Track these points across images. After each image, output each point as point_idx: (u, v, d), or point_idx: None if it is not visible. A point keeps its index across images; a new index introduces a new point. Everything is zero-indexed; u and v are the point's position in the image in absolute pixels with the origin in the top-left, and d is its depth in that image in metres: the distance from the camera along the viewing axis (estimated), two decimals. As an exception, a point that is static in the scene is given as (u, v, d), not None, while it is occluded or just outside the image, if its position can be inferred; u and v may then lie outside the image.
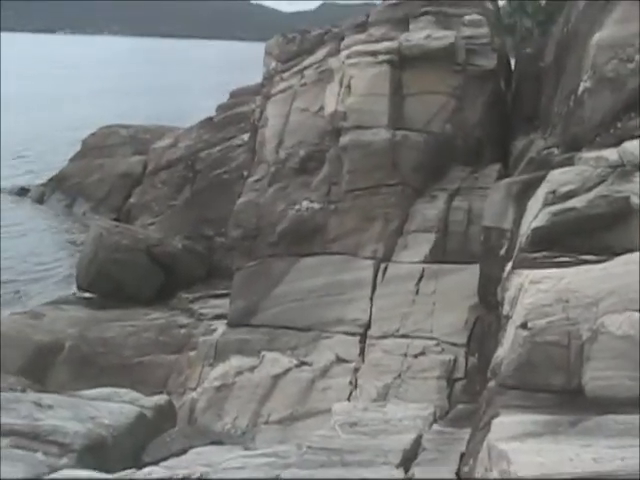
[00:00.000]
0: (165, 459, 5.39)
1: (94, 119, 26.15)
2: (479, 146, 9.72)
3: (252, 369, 8.67)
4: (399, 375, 8.03)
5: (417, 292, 8.67)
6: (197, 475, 4.84)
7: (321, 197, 9.61)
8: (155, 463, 5.26)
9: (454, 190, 9.22)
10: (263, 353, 8.78)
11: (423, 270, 8.80)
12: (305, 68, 10.51)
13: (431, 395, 7.58)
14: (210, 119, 16.44)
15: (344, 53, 9.98)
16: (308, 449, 5.04)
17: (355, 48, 9.88)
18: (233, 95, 16.61)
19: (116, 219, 15.89)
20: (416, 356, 8.11)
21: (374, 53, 9.66)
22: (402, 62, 9.62)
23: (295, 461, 4.91)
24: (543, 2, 12.38)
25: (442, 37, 9.73)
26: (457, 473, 4.73)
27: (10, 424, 5.87)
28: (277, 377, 8.52)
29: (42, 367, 9.72)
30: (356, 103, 9.52)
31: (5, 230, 18.34)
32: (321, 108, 9.93)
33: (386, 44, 9.73)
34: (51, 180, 21.44)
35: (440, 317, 8.31)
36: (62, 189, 20.70)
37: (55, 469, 5.30)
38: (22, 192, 21.85)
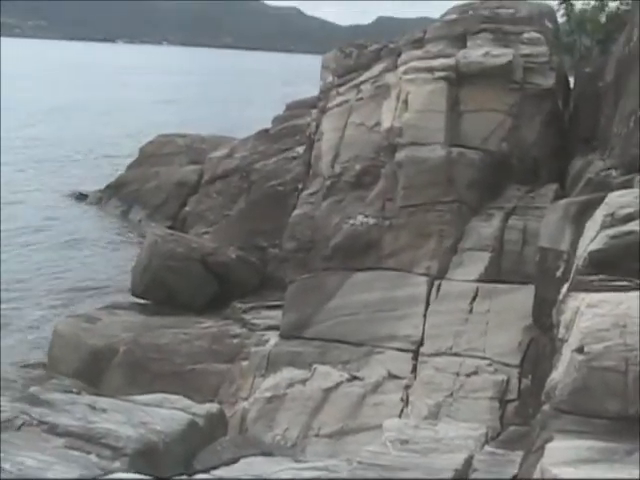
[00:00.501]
0: (216, 467, 5.44)
1: (152, 128, 26.60)
2: (535, 165, 9.63)
3: (303, 381, 8.69)
4: (451, 394, 7.97)
5: (471, 311, 8.61)
6: (247, 485, 4.87)
7: (376, 212, 9.61)
8: (206, 471, 5.32)
9: (510, 209, 9.15)
10: (315, 366, 8.79)
11: (477, 289, 8.74)
12: (362, 83, 10.54)
13: (483, 415, 7.51)
14: (266, 131, 16.55)
15: (401, 69, 9.99)
16: (358, 464, 5.05)
17: (412, 64, 9.88)
18: (289, 107, 16.71)
19: (171, 227, 16.07)
20: (469, 375, 8.05)
21: (431, 69, 9.66)
22: (459, 79, 9.60)
23: (345, 476, 4.92)
24: (603, 20, 12.25)
25: (500, 55, 9.69)
26: (508, 496, 4.69)
27: (65, 425, 5.99)
28: (328, 390, 8.52)
29: (96, 370, 9.86)
30: (412, 119, 9.52)
31: (63, 235, 18.72)
32: (377, 123, 9.94)
33: (443, 61, 9.72)
34: (109, 186, 21.79)
35: (493, 337, 8.24)
36: (119, 195, 21.03)
37: (108, 472, 5.39)
38: (80, 197, 22.26)
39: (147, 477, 5.16)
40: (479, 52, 9.76)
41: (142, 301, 12.34)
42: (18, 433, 5.82)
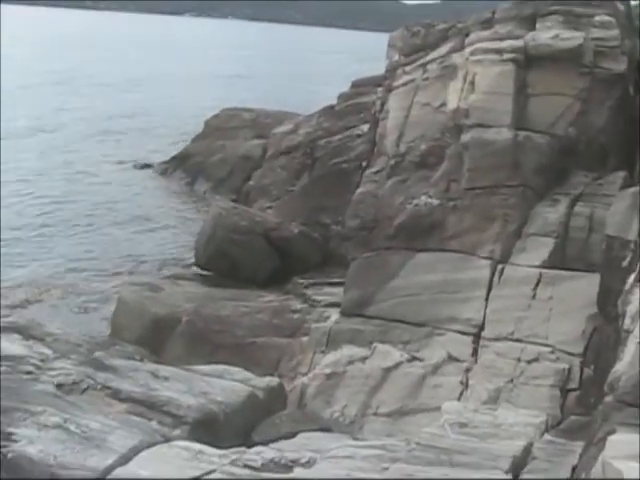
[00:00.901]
0: (274, 441, 5.50)
1: (217, 101, 26.79)
2: (603, 152, 9.44)
3: (363, 360, 8.72)
4: (511, 380, 7.92)
5: (533, 297, 8.51)
6: (305, 459, 4.92)
7: (440, 193, 9.54)
8: (264, 443, 5.38)
9: (576, 195, 9.00)
10: (375, 345, 8.81)
11: (541, 275, 8.63)
12: (428, 62, 10.43)
13: (543, 403, 7.44)
14: (331, 107, 16.51)
15: (468, 50, 9.85)
16: (417, 445, 5.05)
17: (480, 45, 9.73)
18: (355, 85, 16.62)
19: (235, 200, 16.18)
20: (530, 362, 7.98)
21: (499, 51, 9.50)
22: (527, 61, 9.43)
23: (403, 456, 4.93)
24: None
25: (570, 38, 9.49)
26: (568, 486, 4.64)
27: (128, 391, 6.12)
28: (388, 370, 8.54)
29: (158, 339, 10.01)
30: (479, 101, 9.40)
31: (127, 204, 19.05)
32: (443, 104, 9.84)
33: (512, 42, 9.55)
34: (174, 158, 22.05)
35: (556, 324, 8.14)
36: (184, 167, 21.27)
37: (168, 439, 5.49)
38: (147, 167, 22.57)
39: (206, 446, 5.25)
40: (548, 35, 9.57)
41: (205, 272, 12.49)
42: (83, 396, 5.97)
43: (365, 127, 13.65)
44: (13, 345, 6.69)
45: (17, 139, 25.03)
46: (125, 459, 5.09)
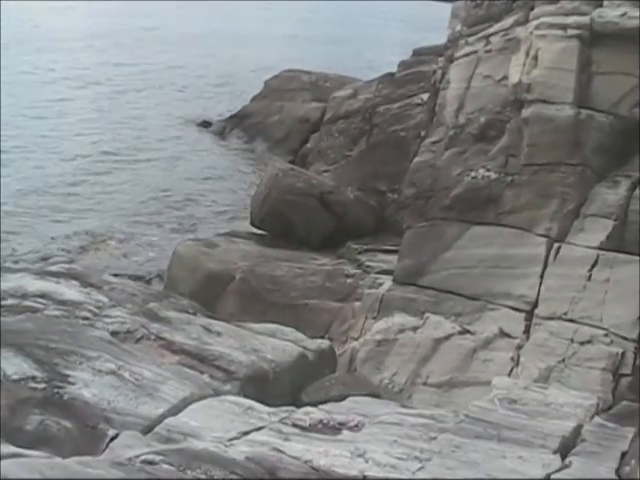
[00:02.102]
0: (323, 402, 5.56)
1: (278, 62, 26.69)
2: (667, 135, 9.20)
3: (415, 329, 8.71)
4: (563, 360, 7.83)
5: (589, 278, 8.38)
6: (354, 423, 4.96)
7: (498, 167, 9.40)
8: (313, 404, 5.43)
9: (637, 178, 8.77)
10: (427, 315, 8.78)
11: (598, 256, 8.47)
12: (491, 34, 10.21)
13: (594, 386, 7.37)
14: (391, 75, 16.30)
15: (533, 23, 9.62)
16: (465, 417, 5.06)
17: (544, 19, 9.49)
18: (416, 53, 16.40)
19: (291, 162, 16.18)
20: (583, 343, 7.88)
21: (564, 26, 9.25)
22: (593, 39, 9.16)
23: (451, 427, 4.94)
24: None
25: (638, 16, 9.21)
26: (617, 472, 4.60)
27: (181, 343, 6.23)
28: (439, 341, 8.52)
29: (212, 294, 10.12)
30: (541, 76, 9.20)
31: (185, 160, 19.21)
32: (504, 77, 9.66)
33: (577, 18, 9.28)
34: (233, 117, 22.05)
35: (611, 307, 8.01)
36: (242, 127, 21.26)
37: (219, 393, 5.58)
38: (205, 125, 22.66)
39: (256, 403, 5.32)
40: (616, 12, 9.26)
41: (260, 232, 12.56)
42: (137, 345, 6.10)
43: (425, 96, 13.46)
44: (71, 291, 6.85)
45: (76, 90, 25.31)
46: (176, 409, 5.20)
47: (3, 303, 6.41)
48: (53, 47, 32.05)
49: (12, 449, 4.10)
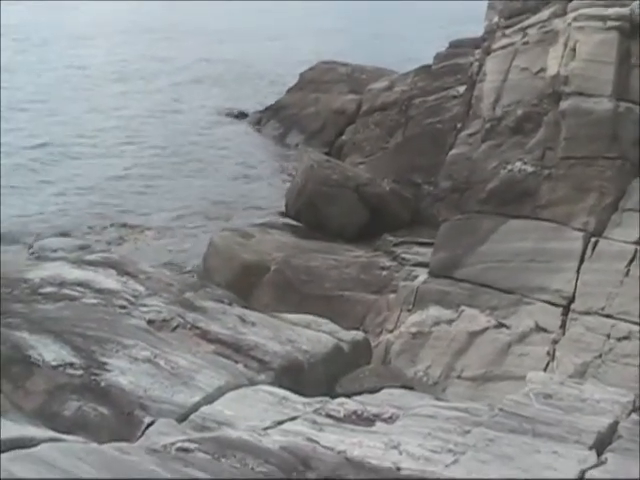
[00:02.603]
0: (357, 394, 5.55)
1: (313, 54, 26.70)
2: None
3: (450, 322, 8.69)
4: (600, 355, 7.77)
5: (627, 273, 8.28)
6: (388, 415, 4.95)
7: (535, 160, 9.31)
8: (348, 395, 5.43)
9: (678, 172, 8.68)
10: (462, 308, 8.75)
11: (636, 251, 8.36)
12: (529, 26, 10.10)
13: (631, 383, 7.25)
14: (427, 67, 16.23)
15: (571, 15, 9.49)
16: (500, 411, 5.01)
17: (583, 11, 9.36)
18: (452, 45, 16.29)
19: (327, 154, 16.18)
20: (619, 339, 7.80)
21: (603, 18, 9.12)
22: (632, 31, 9.03)
23: (485, 420, 4.91)
24: None
25: (681, 8, 9.06)
26: (654, 469, 4.54)
27: (216, 332, 6.27)
28: (474, 334, 8.49)
29: (247, 285, 10.18)
30: (579, 68, 9.08)
31: (221, 151, 19.31)
32: (542, 69, 9.54)
33: (617, 10, 9.13)
34: (268, 108, 22.11)
35: (649, 303, 7.93)
36: (278, 118, 21.31)
37: (254, 383, 5.61)
38: (241, 116, 22.75)
39: (290, 393, 5.33)
40: (657, 3, 9.15)
41: (295, 223, 12.60)
42: (172, 334, 6.14)
43: (461, 89, 13.38)
44: (108, 279, 6.92)
45: (111, 83, 25.54)
46: (211, 398, 5.23)
47: (42, 291, 6.51)
48: (90, 42, 32.46)
49: (50, 433, 4.16)
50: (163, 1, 43.83)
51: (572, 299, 8.40)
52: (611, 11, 9.13)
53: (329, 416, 4.89)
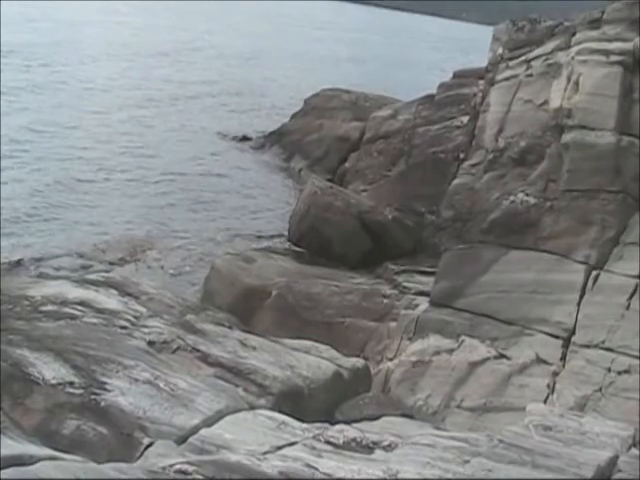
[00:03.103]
0: (357, 421, 5.54)
1: (318, 81, 26.85)
2: None
3: (450, 351, 8.69)
4: (600, 389, 7.76)
5: (628, 307, 8.30)
6: (387, 443, 4.94)
7: (537, 192, 9.36)
8: (347, 422, 5.42)
9: (680, 206, 8.71)
10: (463, 338, 8.76)
11: (637, 285, 8.40)
12: (532, 59, 10.19)
13: (632, 416, 7.23)
14: (431, 96, 16.36)
15: (574, 49, 9.58)
16: (499, 442, 5.00)
17: (586, 45, 9.46)
18: (456, 75, 16.44)
19: (330, 180, 16.23)
20: (620, 373, 7.80)
21: (606, 52, 9.21)
22: (635, 65, 9.13)
23: (485, 451, 4.89)
24: None
25: (683, 44, 9.15)
26: (653, 504, 4.52)
27: (217, 355, 6.26)
28: (474, 364, 8.48)
29: (248, 309, 10.17)
30: (583, 102, 9.15)
31: (224, 174, 19.35)
32: (545, 102, 9.62)
33: (620, 45, 9.23)
34: (272, 133, 22.22)
35: (650, 338, 7.93)
36: (281, 143, 21.41)
37: (254, 407, 5.60)
38: (244, 140, 22.83)
39: (290, 418, 5.32)
40: (660, 39, 9.23)
41: (297, 248, 12.61)
42: (173, 356, 6.14)
43: (464, 119, 13.49)
44: (110, 299, 6.93)
45: (116, 110, 25.60)
46: (210, 421, 5.22)
47: (43, 309, 6.51)
48: (101, 60, 32.67)
49: (49, 452, 4.15)
50: (169, 21, 44.15)
51: (573, 331, 8.41)
52: (614, 45, 9.22)
53: (328, 442, 4.87)
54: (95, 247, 13.72)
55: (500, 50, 10.90)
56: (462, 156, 11.03)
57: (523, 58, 10.30)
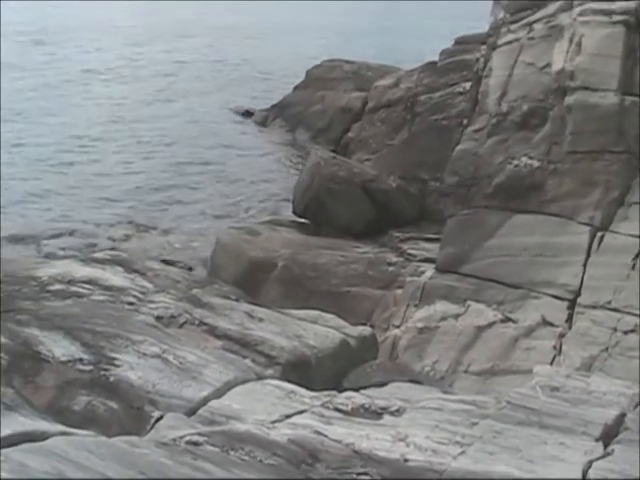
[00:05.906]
0: (365, 388, 5.58)
1: (320, 52, 26.68)
2: None
3: (456, 317, 8.73)
4: (606, 349, 7.79)
5: (633, 267, 8.30)
6: (395, 408, 4.98)
7: (541, 155, 9.32)
8: (355, 389, 5.46)
9: (684, 166, 8.68)
10: (469, 302, 8.79)
11: (642, 245, 8.40)
12: (534, 22, 10.09)
13: (637, 375, 7.26)
14: (433, 63, 16.23)
15: (577, 10, 9.47)
16: (507, 404, 5.03)
17: (589, 5, 9.35)
18: (458, 42, 16.26)
19: (333, 151, 16.19)
20: (626, 332, 7.82)
21: (609, 13, 9.11)
22: (638, 24, 9.06)
23: (492, 413, 4.93)
24: None
25: (688, 1, 9.06)
26: (660, 459, 4.55)
27: (224, 328, 6.29)
28: (481, 329, 8.53)
29: (254, 281, 10.22)
30: (585, 63, 9.08)
31: (227, 149, 19.33)
32: (548, 64, 9.54)
33: (623, 4, 9.12)
34: (274, 106, 22.13)
35: (655, 297, 7.95)
36: (284, 116, 21.34)
37: (262, 377, 5.63)
38: (246, 114, 22.76)
39: (298, 387, 5.36)
40: (664, -3, 9.15)
41: (302, 220, 12.63)
42: (180, 330, 6.17)
43: (467, 85, 13.40)
44: (116, 277, 6.95)
45: (118, 85, 25.54)
46: (219, 393, 5.25)
47: (51, 288, 6.54)
48: (100, 40, 32.54)
49: (61, 427, 4.20)
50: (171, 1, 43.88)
51: (578, 293, 8.43)
52: (617, 5, 9.13)
53: (337, 409, 4.91)
54: (100, 225, 13.78)
55: (501, 14, 10.80)
56: (465, 122, 10.95)
57: (525, 21, 10.21)
